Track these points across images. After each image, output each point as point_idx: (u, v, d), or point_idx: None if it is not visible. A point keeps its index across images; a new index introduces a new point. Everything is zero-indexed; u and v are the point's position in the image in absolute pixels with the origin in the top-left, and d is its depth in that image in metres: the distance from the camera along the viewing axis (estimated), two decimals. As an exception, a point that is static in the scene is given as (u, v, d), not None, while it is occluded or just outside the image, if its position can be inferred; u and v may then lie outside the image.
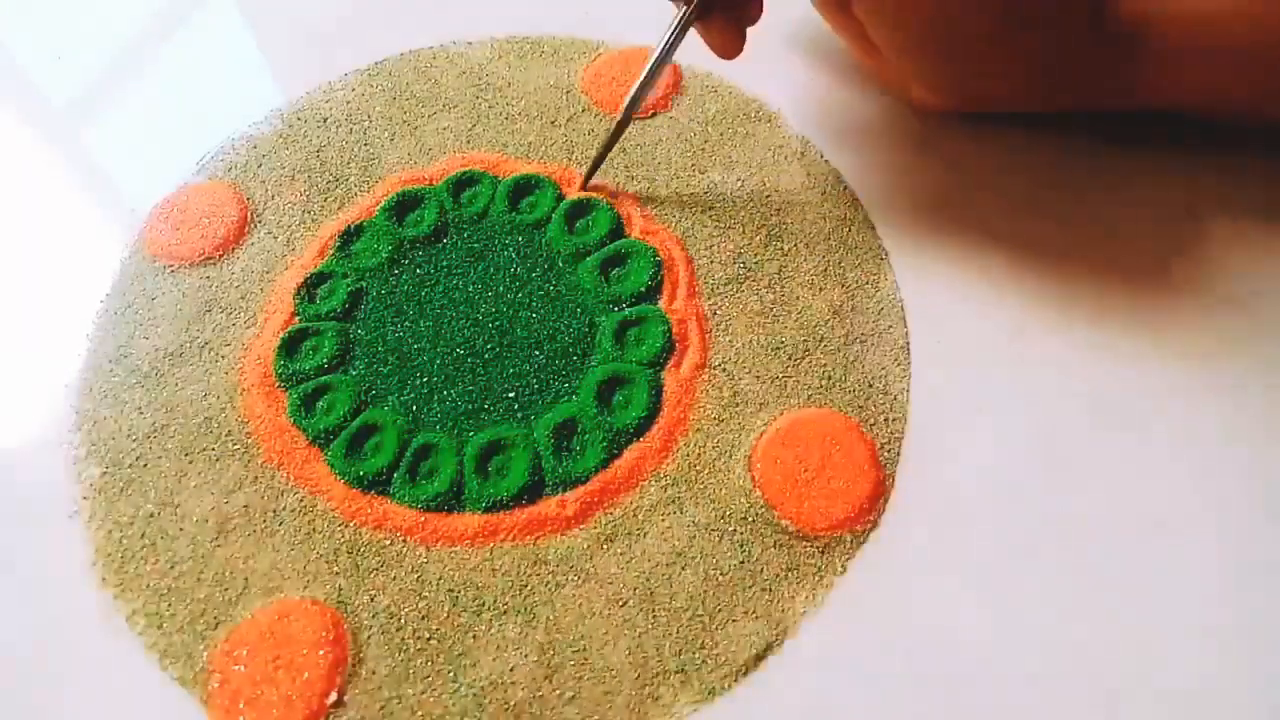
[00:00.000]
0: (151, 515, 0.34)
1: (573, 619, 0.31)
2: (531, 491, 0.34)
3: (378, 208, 0.41)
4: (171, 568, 0.33)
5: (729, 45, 0.38)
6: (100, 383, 0.37)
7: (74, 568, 0.33)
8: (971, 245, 0.39)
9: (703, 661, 0.30)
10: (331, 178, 0.43)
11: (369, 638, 0.31)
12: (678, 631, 0.31)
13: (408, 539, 0.33)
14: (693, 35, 0.38)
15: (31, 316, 0.40)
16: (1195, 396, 0.35)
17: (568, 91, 0.46)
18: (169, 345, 0.38)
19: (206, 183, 0.43)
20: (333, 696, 0.30)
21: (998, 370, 0.36)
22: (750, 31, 0.38)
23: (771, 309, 0.38)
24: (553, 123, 0.44)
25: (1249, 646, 0.30)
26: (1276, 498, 0.33)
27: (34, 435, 0.36)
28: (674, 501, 0.33)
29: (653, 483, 0.34)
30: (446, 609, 0.32)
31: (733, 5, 0.37)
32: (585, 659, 0.31)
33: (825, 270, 0.39)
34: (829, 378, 0.36)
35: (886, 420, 0.35)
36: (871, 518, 0.33)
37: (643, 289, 0.38)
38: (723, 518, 0.33)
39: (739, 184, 0.42)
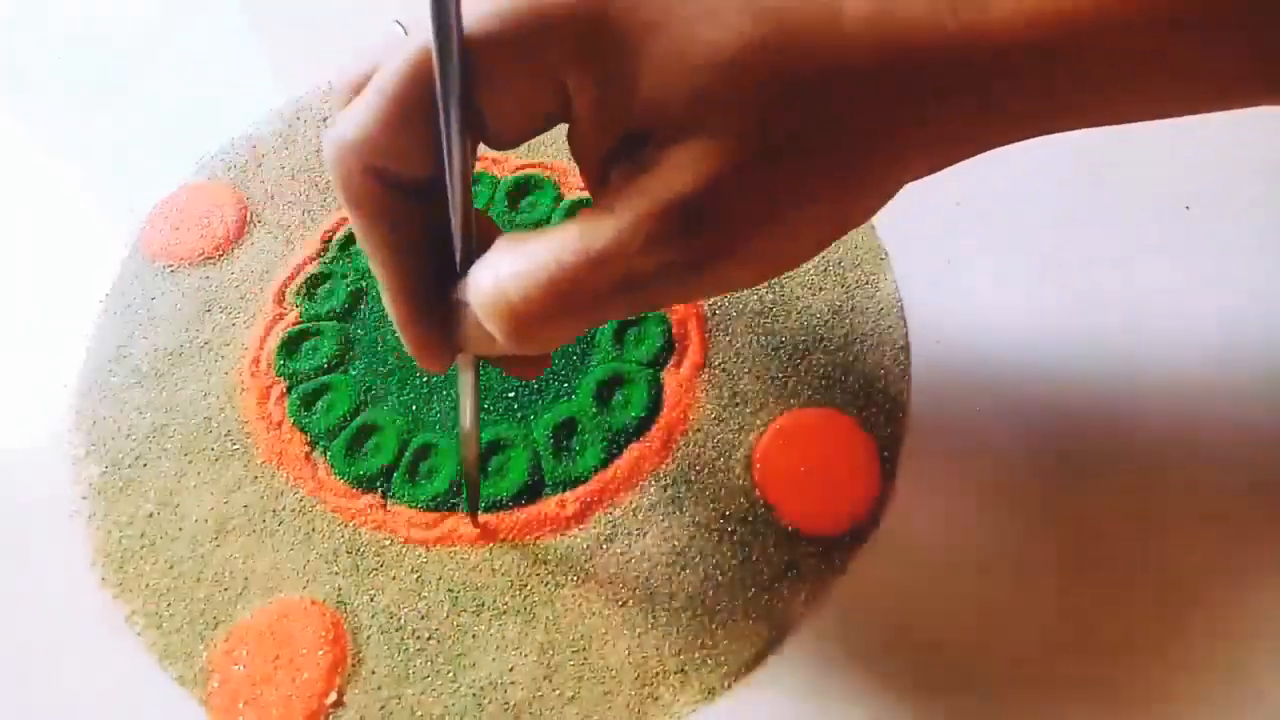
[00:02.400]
0: (151, 515, 0.34)
1: (572, 619, 0.31)
2: (531, 491, 0.34)
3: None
4: (171, 568, 0.33)
5: (530, 371, 0.31)
6: (100, 383, 0.37)
7: (74, 568, 0.33)
8: (972, 245, 0.39)
9: (703, 661, 0.30)
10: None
11: (368, 638, 0.31)
12: (677, 631, 0.31)
13: (407, 539, 0.33)
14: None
15: (31, 316, 0.40)
16: (1199, 394, 0.35)
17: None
18: (169, 345, 0.38)
19: (206, 183, 0.43)
20: (332, 696, 0.30)
21: (998, 370, 0.36)
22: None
23: (771, 309, 0.38)
24: (553, 122, 0.44)
25: (1251, 645, 0.30)
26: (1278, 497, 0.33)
27: (34, 435, 0.36)
28: (674, 501, 0.33)
29: (652, 483, 0.34)
30: (446, 609, 0.32)
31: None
32: (585, 659, 0.31)
33: (825, 270, 0.39)
34: (829, 378, 0.36)
35: (886, 420, 0.35)
36: (871, 518, 0.33)
37: (642, 289, 0.38)
38: (723, 518, 0.33)
39: (739, 184, 0.41)
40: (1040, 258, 0.39)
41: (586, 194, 0.41)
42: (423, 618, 0.31)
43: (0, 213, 0.43)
